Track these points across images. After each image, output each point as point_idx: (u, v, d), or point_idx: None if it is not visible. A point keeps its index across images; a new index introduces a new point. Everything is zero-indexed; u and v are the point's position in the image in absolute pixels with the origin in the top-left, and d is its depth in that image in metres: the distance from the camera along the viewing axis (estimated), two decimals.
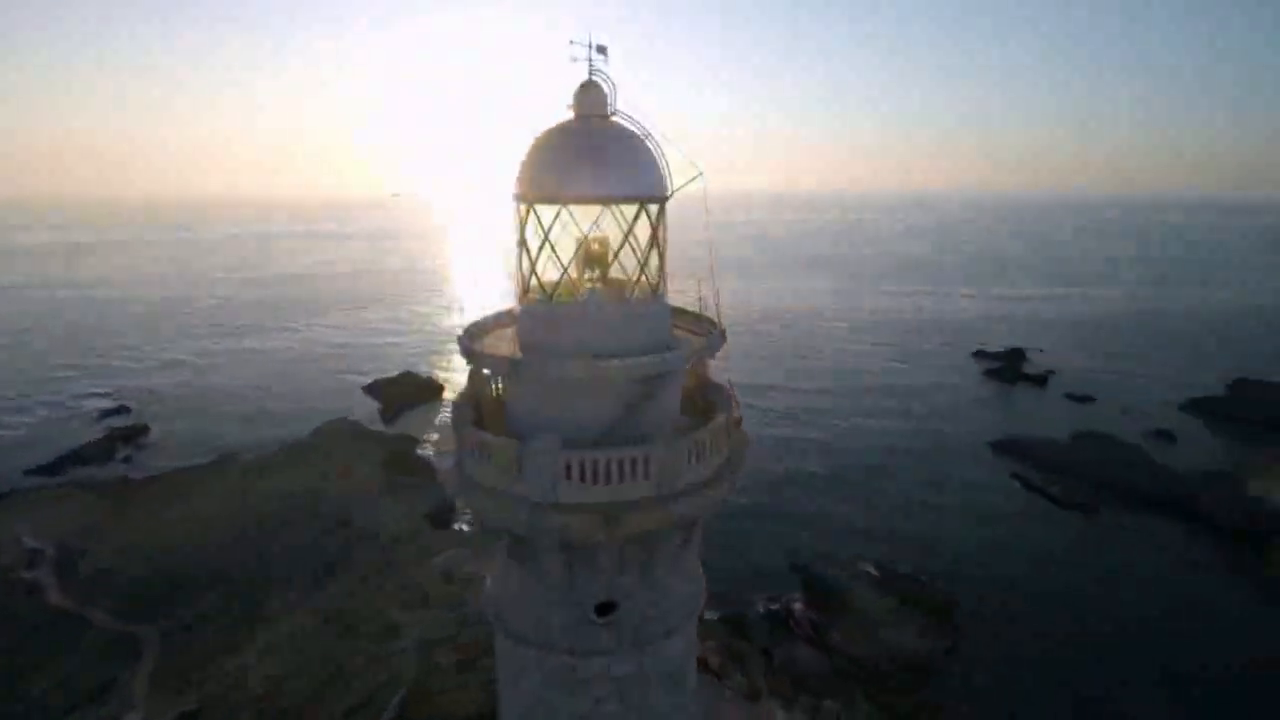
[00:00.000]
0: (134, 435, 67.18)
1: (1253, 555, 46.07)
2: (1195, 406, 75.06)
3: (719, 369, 11.93)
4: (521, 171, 10.40)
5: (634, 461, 9.28)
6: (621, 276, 10.58)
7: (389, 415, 73.86)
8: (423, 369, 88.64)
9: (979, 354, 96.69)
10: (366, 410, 74.16)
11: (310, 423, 67.14)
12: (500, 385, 11.57)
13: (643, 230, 10.34)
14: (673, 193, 10.42)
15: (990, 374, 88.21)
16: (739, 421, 11.06)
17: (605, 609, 10.23)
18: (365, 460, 60.24)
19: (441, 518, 53.11)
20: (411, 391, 79.47)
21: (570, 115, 10.43)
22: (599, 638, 10.21)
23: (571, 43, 9.72)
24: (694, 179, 10.14)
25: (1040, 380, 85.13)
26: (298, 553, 45.45)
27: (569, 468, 9.24)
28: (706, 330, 11.40)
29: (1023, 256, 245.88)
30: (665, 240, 10.52)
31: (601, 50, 9.97)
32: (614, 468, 9.22)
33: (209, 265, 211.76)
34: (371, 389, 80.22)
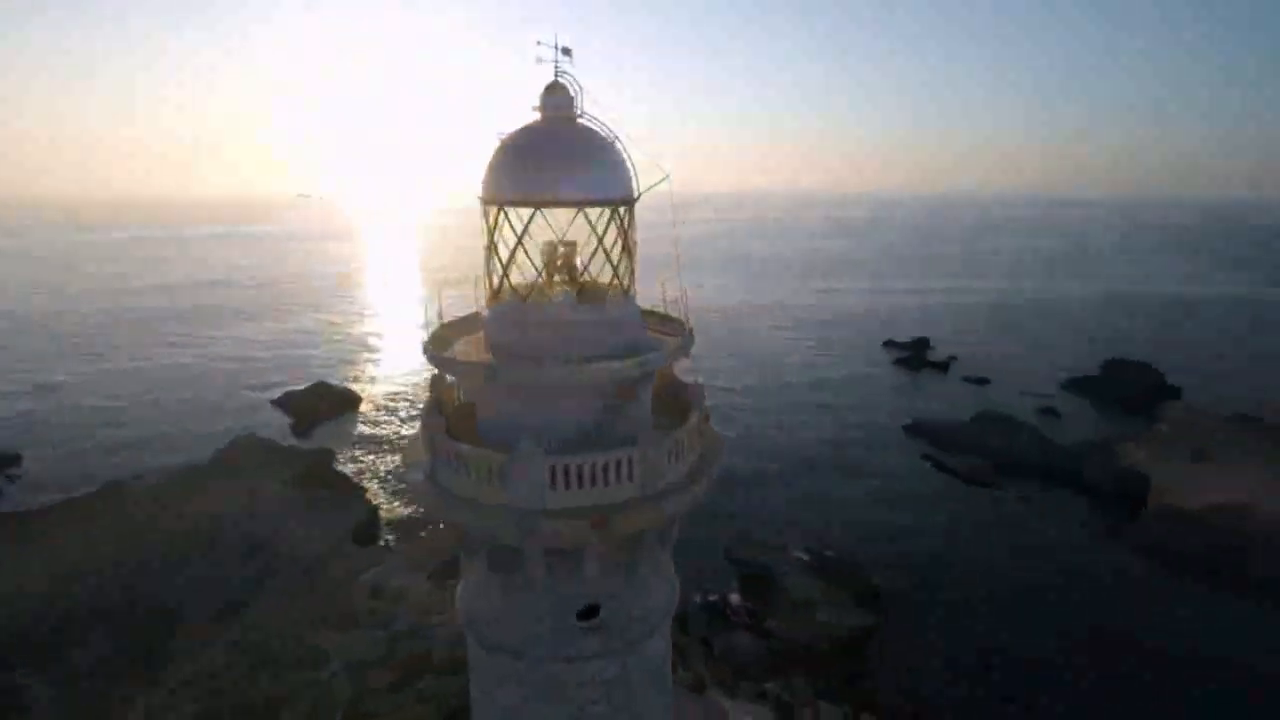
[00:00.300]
0: (2, 466, 60.24)
1: (1127, 518, 51.27)
2: (1076, 385, 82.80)
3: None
4: (490, 174, 10.14)
5: (620, 463, 9.28)
6: (587, 279, 10.50)
7: (302, 429, 69.86)
8: (337, 379, 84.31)
9: (889, 344, 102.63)
10: (277, 425, 69.74)
11: (213, 443, 62.48)
12: (461, 392, 11.23)
13: (612, 233, 10.32)
14: (640, 195, 10.47)
15: (899, 362, 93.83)
16: (706, 419, 11.25)
17: (588, 613, 10.17)
18: (278, 478, 56.68)
19: (366, 533, 50.95)
20: (326, 403, 75.40)
21: (534, 117, 10.24)
22: (586, 643, 10.13)
23: (539, 43, 9.58)
24: (661, 181, 10.25)
25: (943, 366, 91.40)
26: (206, 583, 42.25)
27: (554, 473, 9.11)
28: (672, 329, 11.51)
29: (924, 252, 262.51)
30: (635, 242, 10.56)
31: (566, 52, 9.88)
32: (600, 470, 9.17)
33: (92, 273, 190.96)
34: (281, 402, 75.46)
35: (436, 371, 10.66)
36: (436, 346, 10.55)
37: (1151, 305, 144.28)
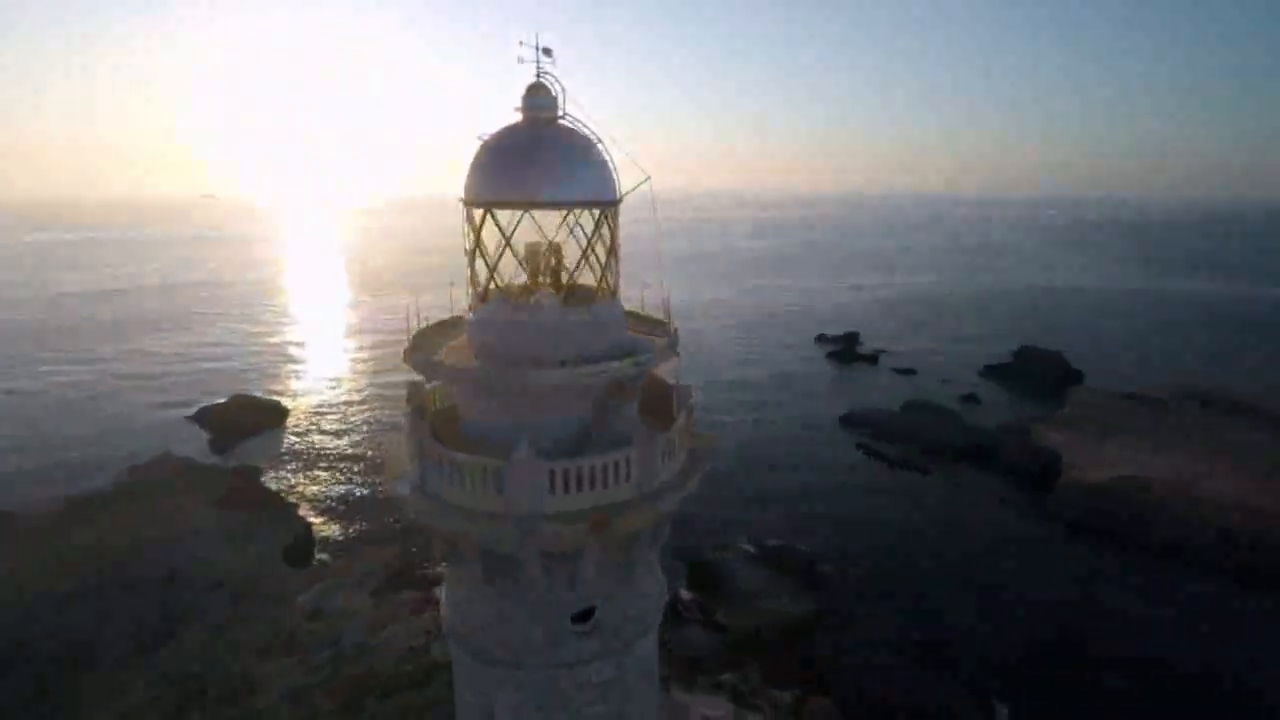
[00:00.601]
0: None
1: (1042, 492, 55.14)
2: (991, 372, 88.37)
3: None
4: (474, 176, 9.88)
5: (618, 464, 9.24)
6: (568, 280, 10.40)
7: (222, 445, 65.76)
8: (258, 390, 79.87)
9: (820, 338, 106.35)
10: (194, 443, 65.36)
11: (123, 465, 57.96)
12: (437, 398, 10.91)
13: (585, 234, 10.25)
14: (623, 196, 10.45)
15: (831, 356, 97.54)
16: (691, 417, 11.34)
17: (583, 617, 10.08)
18: (197, 499, 53.18)
19: (300, 553, 48.55)
20: (248, 417, 71.23)
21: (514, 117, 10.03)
22: (584, 646, 10.04)
23: (521, 44, 9.40)
24: (643, 182, 10.26)
25: (873, 359, 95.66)
26: (121, 617, 39.16)
27: (554, 476, 8.97)
28: (651, 328, 11.57)
29: (847, 249, 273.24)
30: (619, 243, 10.53)
31: (547, 52, 9.74)
32: (599, 472, 9.10)
33: None
34: (198, 418, 70.76)
35: (416, 378, 10.31)
36: (421, 351, 10.18)
37: (1056, 297, 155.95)
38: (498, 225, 9.90)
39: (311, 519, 53.11)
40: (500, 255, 10.10)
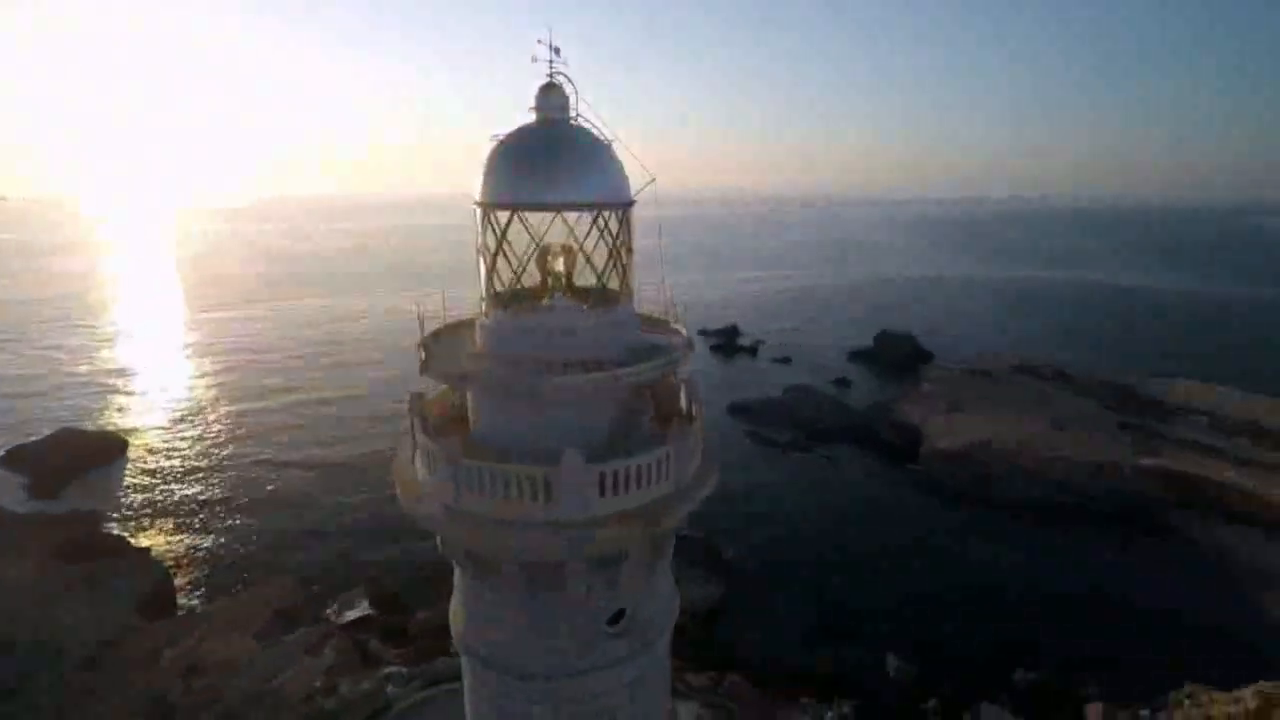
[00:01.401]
0: None
1: (909, 461, 61.38)
2: (856, 356, 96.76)
3: None
4: (493, 177, 9.37)
5: (660, 463, 9.18)
6: (581, 283, 10.18)
7: (46, 490, 56.41)
8: (86, 423, 69.51)
9: (704, 332, 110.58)
10: (10, 490, 55.47)
11: None
12: (426, 407, 10.18)
13: (611, 236, 10.06)
14: (636, 197, 10.35)
15: (715, 349, 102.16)
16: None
17: (615, 618, 9.92)
18: (24, 555, 45.47)
19: (160, 603, 42.90)
20: (76, 454, 61.60)
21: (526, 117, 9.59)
22: (614, 649, 9.89)
23: (539, 42, 9.03)
24: (650, 183, 10.22)
25: (753, 350, 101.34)
26: None
27: (603, 479, 8.74)
28: (653, 327, 11.59)
29: (723, 247, 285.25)
30: (633, 244, 10.41)
31: (557, 51, 9.43)
32: (645, 471, 8.99)
33: None
34: (11, 460, 60.20)
35: (414, 390, 9.60)
36: (441, 359, 9.48)
37: (905, 286, 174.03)
38: (524, 227, 9.48)
39: (170, 563, 47.20)
40: (529, 259, 9.73)
